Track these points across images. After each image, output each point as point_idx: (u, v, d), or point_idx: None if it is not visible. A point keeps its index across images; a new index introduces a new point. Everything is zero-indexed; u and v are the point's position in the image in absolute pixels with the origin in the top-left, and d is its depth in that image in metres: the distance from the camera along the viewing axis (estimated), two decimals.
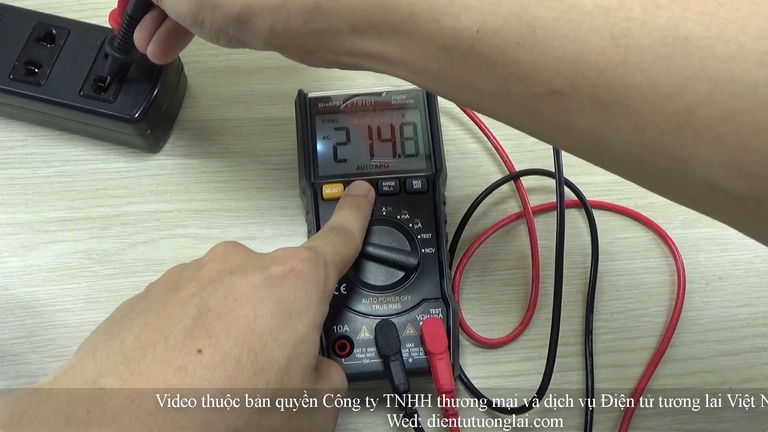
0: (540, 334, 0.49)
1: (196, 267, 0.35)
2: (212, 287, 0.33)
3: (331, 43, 0.34)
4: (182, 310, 0.32)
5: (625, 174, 0.32)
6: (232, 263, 0.35)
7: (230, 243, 0.37)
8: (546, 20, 0.28)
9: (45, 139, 0.54)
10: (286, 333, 0.33)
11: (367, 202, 0.46)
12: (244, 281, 0.33)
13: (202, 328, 0.31)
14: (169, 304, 0.32)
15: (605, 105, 0.28)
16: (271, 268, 0.35)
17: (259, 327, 0.32)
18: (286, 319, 0.33)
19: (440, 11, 0.30)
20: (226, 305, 0.32)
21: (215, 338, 0.31)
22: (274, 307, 0.33)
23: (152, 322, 0.31)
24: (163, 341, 0.30)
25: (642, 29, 0.27)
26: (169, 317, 0.32)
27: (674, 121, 0.27)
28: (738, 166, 0.26)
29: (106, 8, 0.47)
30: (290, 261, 0.35)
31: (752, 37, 0.25)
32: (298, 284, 0.35)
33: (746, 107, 0.25)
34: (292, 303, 0.34)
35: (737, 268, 0.51)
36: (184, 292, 0.33)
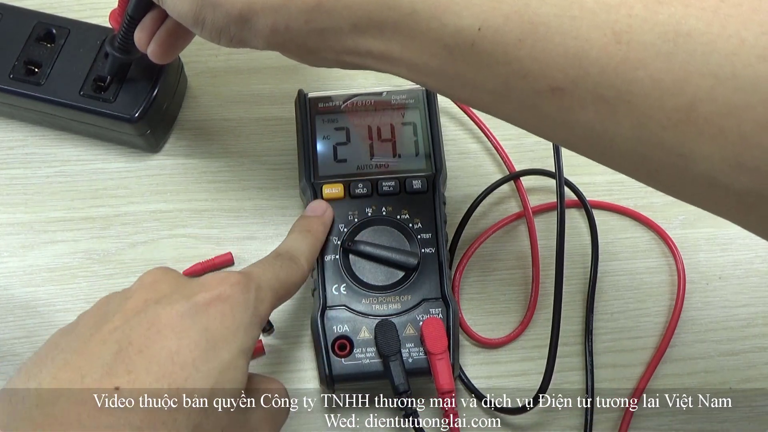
0: (540, 334, 0.49)
1: (124, 297, 0.34)
2: (136, 319, 0.32)
3: (332, 42, 0.34)
4: (102, 346, 0.31)
5: (627, 170, 0.32)
6: (158, 292, 0.34)
7: (160, 269, 0.36)
8: (547, 17, 0.28)
9: (45, 139, 0.54)
10: (210, 362, 0.32)
11: (321, 223, 0.46)
12: (169, 310, 0.32)
13: (121, 364, 0.30)
14: (91, 340, 0.32)
15: (607, 101, 0.28)
16: (198, 295, 0.34)
17: (182, 358, 0.31)
18: (211, 348, 0.32)
19: (441, 9, 0.30)
20: (148, 338, 0.31)
21: (134, 374, 0.30)
22: (198, 337, 0.32)
23: (71, 361, 0.31)
24: (80, 380, 0.30)
25: (643, 25, 0.27)
26: (88, 355, 0.31)
27: (676, 116, 0.27)
28: (739, 162, 0.26)
29: (106, 8, 0.47)
30: (219, 286, 0.34)
31: (754, 33, 0.25)
32: (225, 310, 0.34)
33: (748, 102, 0.25)
34: (217, 330, 0.33)
35: (737, 268, 0.51)
36: (108, 325, 0.32)
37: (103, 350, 0.31)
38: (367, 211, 0.47)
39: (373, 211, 0.47)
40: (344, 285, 0.46)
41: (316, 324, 0.44)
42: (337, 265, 0.46)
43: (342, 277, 0.46)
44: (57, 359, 0.31)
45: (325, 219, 0.46)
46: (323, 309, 0.45)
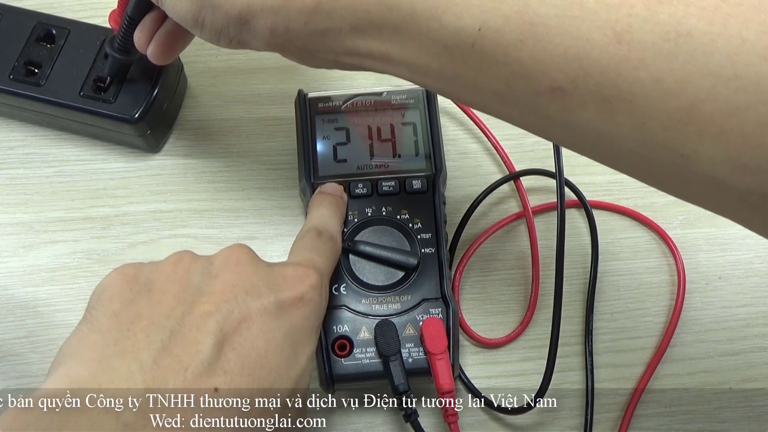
0: (540, 334, 0.49)
1: (207, 273, 0.35)
2: (227, 308, 0.33)
3: (332, 44, 0.34)
4: (198, 335, 0.32)
5: (628, 171, 0.32)
6: (245, 278, 0.35)
7: (242, 249, 0.37)
8: (547, 17, 0.28)
9: (45, 139, 0.54)
10: (292, 369, 0.34)
11: (343, 202, 0.47)
12: (258, 306, 0.34)
13: (218, 362, 0.31)
14: (184, 323, 0.32)
15: (608, 102, 0.28)
16: (284, 292, 0.35)
17: (269, 363, 0.33)
18: (292, 353, 0.34)
19: (441, 9, 0.30)
20: (240, 334, 0.32)
21: (230, 375, 0.31)
22: (283, 340, 0.34)
23: (170, 346, 0.31)
24: (183, 373, 0.30)
25: (644, 25, 0.27)
26: (186, 342, 0.31)
27: (677, 117, 0.27)
28: (742, 162, 0.26)
29: (106, 8, 0.47)
30: (301, 285, 0.36)
31: (755, 32, 0.25)
32: (306, 313, 0.35)
33: (750, 102, 0.25)
34: (298, 334, 0.35)
35: (737, 268, 0.51)
36: (197, 307, 0.33)
37: (200, 339, 0.31)
38: (367, 211, 0.47)
39: (373, 211, 0.47)
40: (344, 285, 0.46)
41: None
42: (337, 265, 0.46)
43: (342, 277, 0.46)
44: (152, 339, 0.31)
45: (345, 199, 0.47)
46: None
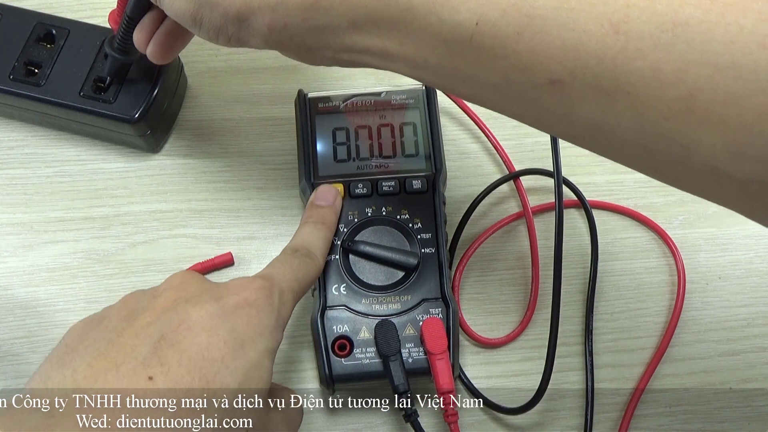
0: (540, 334, 0.49)
1: (152, 296, 0.36)
2: (167, 316, 0.33)
3: (330, 40, 0.34)
4: (136, 340, 0.32)
5: (629, 162, 0.32)
6: (188, 291, 0.35)
7: (187, 272, 0.38)
8: (544, 9, 0.28)
9: (45, 139, 0.54)
10: (238, 360, 0.33)
11: (333, 213, 0.46)
12: (199, 309, 0.34)
13: (154, 356, 0.31)
14: (124, 334, 0.33)
15: (606, 93, 0.28)
16: (226, 297, 0.35)
17: (212, 354, 0.32)
18: (239, 347, 0.33)
19: (439, 4, 0.30)
20: (179, 333, 0.33)
21: (167, 365, 0.31)
22: (227, 335, 0.33)
23: (105, 351, 0.32)
24: (115, 369, 0.31)
25: (641, 15, 0.27)
26: (122, 346, 0.32)
27: (676, 106, 0.27)
28: (741, 150, 0.26)
29: (106, 8, 0.47)
30: (244, 291, 0.36)
31: (753, 20, 0.25)
32: (251, 313, 0.35)
33: (748, 91, 0.25)
34: (244, 331, 0.34)
35: (737, 268, 0.51)
36: (139, 321, 0.33)
37: (136, 343, 0.32)
38: (367, 211, 0.47)
39: (373, 211, 0.47)
40: (344, 285, 0.46)
41: (316, 324, 0.44)
42: (337, 265, 0.46)
43: (342, 277, 0.46)
44: (90, 349, 0.32)
45: (336, 207, 0.47)
46: (323, 309, 0.45)
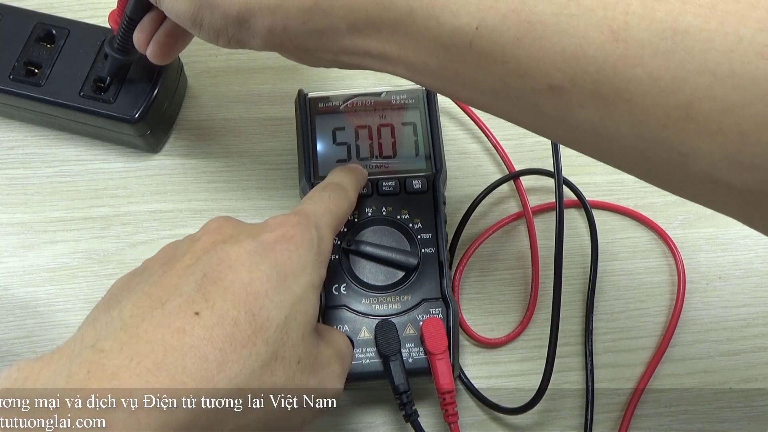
0: (540, 334, 0.49)
1: (191, 241, 0.36)
2: (207, 257, 0.33)
3: (329, 43, 0.34)
4: (179, 279, 0.32)
5: (627, 168, 0.32)
6: (224, 234, 0.35)
7: (222, 217, 0.38)
8: (544, 15, 0.28)
9: (45, 139, 0.54)
10: (282, 294, 0.33)
11: (361, 172, 0.47)
12: (237, 248, 0.34)
13: (198, 293, 0.31)
14: (166, 275, 0.33)
15: (606, 99, 0.28)
16: (263, 235, 0.35)
17: (255, 289, 0.32)
18: (281, 281, 0.33)
19: (439, 8, 0.30)
20: (221, 272, 0.32)
21: (212, 301, 0.31)
22: (269, 271, 0.33)
23: (149, 292, 0.32)
24: (161, 307, 0.31)
25: (641, 23, 0.27)
26: (166, 286, 0.32)
27: (675, 114, 0.27)
28: (739, 159, 0.26)
29: (106, 8, 0.47)
30: (281, 227, 0.36)
31: (752, 30, 0.25)
32: (291, 248, 0.35)
33: (747, 100, 0.25)
34: (286, 265, 0.34)
35: (737, 268, 0.51)
36: (180, 263, 0.33)
37: (180, 282, 0.32)
38: (367, 211, 0.47)
39: (373, 211, 0.47)
40: (344, 285, 0.46)
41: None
42: (337, 265, 0.46)
43: (342, 277, 0.46)
44: (134, 292, 0.32)
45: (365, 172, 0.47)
46: (323, 309, 0.45)
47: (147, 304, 0.31)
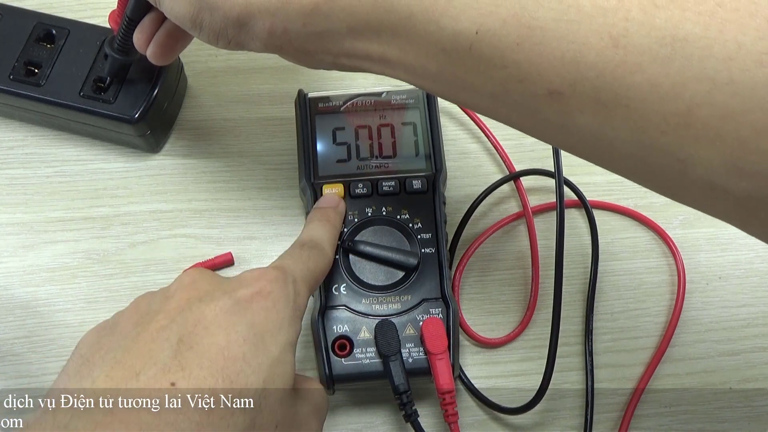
0: (540, 334, 0.49)
1: (164, 297, 0.35)
2: (181, 317, 0.32)
3: (329, 45, 0.34)
4: (153, 344, 0.31)
5: (626, 174, 0.32)
6: (200, 290, 0.34)
7: (197, 270, 0.37)
8: (544, 21, 0.28)
9: (45, 139, 0.54)
10: (260, 357, 0.32)
11: (336, 213, 0.46)
12: (213, 307, 0.33)
13: (174, 361, 0.30)
14: (139, 339, 0.32)
15: (605, 105, 0.28)
16: (239, 291, 0.34)
17: (232, 353, 0.31)
18: (259, 342, 0.33)
19: (439, 12, 0.30)
20: (196, 334, 0.32)
21: (188, 369, 0.30)
22: (246, 332, 0.32)
23: (122, 359, 0.31)
24: (135, 378, 0.30)
25: (640, 30, 0.27)
26: (139, 352, 0.31)
27: (674, 121, 0.27)
28: (738, 166, 0.26)
29: (106, 8, 0.47)
30: (257, 282, 0.35)
31: (751, 37, 0.25)
32: (267, 305, 0.34)
33: (746, 107, 0.25)
34: (263, 325, 0.33)
35: (737, 268, 0.51)
36: (153, 324, 0.32)
37: (153, 348, 0.31)
38: (367, 211, 0.47)
39: (373, 211, 0.47)
40: (344, 285, 0.46)
41: (316, 324, 0.44)
42: (337, 265, 0.46)
43: (342, 277, 0.46)
44: (107, 358, 0.31)
45: (340, 209, 0.47)
46: (323, 309, 0.45)
47: (120, 374, 0.30)
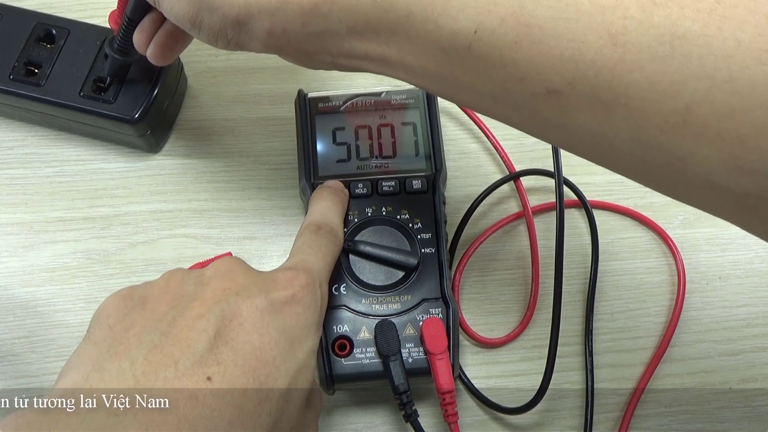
0: (540, 334, 0.49)
1: (199, 282, 0.35)
2: (218, 308, 0.33)
3: (329, 45, 0.34)
4: (190, 333, 0.32)
5: (625, 172, 0.32)
6: (236, 282, 0.35)
7: (233, 259, 0.37)
8: (543, 19, 0.28)
9: (45, 139, 0.54)
10: (288, 362, 0.33)
11: (345, 195, 0.47)
12: (249, 304, 0.34)
13: (211, 354, 0.31)
14: (176, 325, 0.32)
15: (604, 104, 0.28)
16: (275, 292, 0.35)
17: (264, 355, 0.32)
18: (288, 347, 0.34)
19: (437, 12, 0.30)
20: (232, 330, 0.32)
21: (223, 365, 0.31)
22: (278, 335, 0.33)
23: (161, 345, 0.31)
24: (174, 366, 0.30)
25: (639, 28, 0.27)
26: (177, 340, 0.32)
27: (673, 119, 0.27)
28: (738, 164, 0.26)
29: (106, 8, 0.47)
30: (291, 286, 0.36)
31: (750, 35, 0.25)
32: (299, 311, 0.35)
33: (745, 105, 0.25)
34: (293, 330, 0.34)
35: (737, 268, 0.51)
36: (189, 311, 0.33)
37: (191, 337, 0.32)
38: (367, 211, 0.47)
39: (373, 211, 0.47)
40: (344, 285, 0.46)
41: None
42: (337, 265, 0.46)
43: (342, 277, 0.46)
44: (144, 340, 0.32)
45: (347, 193, 0.47)
46: None
47: (159, 359, 0.31)
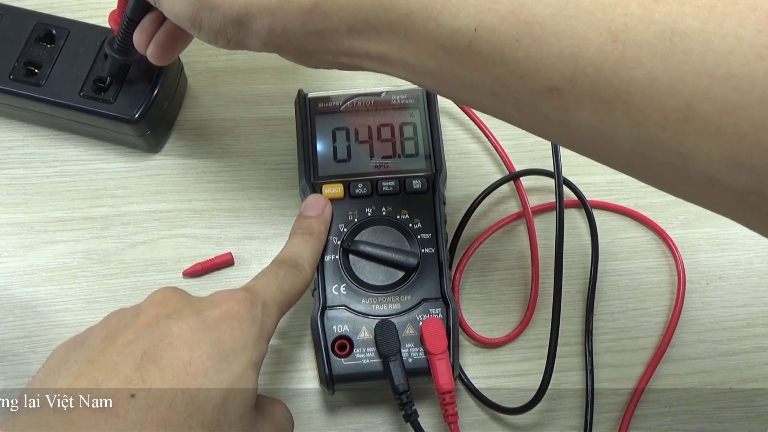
0: (540, 334, 0.49)
1: (134, 313, 0.35)
2: (149, 332, 0.33)
3: (329, 44, 0.34)
4: (117, 358, 0.32)
5: (626, 170, 0.32)
6: (169, 307, 0.35)
7: (168, 288, 0.37)
8: (543, 17, 0.28)
9: (45, 139, 0.54)
10: (222, 373, 0.33)
11: (322, 222, 0.46)
12: (180, 324, 0.34)
13: (136, 373, 0.31)
14: (106, 352, 0.33)
15: (604, 101, 0.28)
16: (208, 310, 0.35)
17: (194, 368, 0.32)
18: (222, 359, 0.33)
19: (437, 10, 0.30)
20: (161, 349, 0.32)
21: (149, 382, 0.31)
22: (210, 349, 0.33)
23: (86, 371, 0.32)
24: (96, 389, 0.30)
25: (639, 25, 0.27)
26: (103, 365, 0.32)
27: (674, 116, 0.27)
28: (738, 161, 0.26)
29: (106, 8, 0.47)
30: (226, 303, 0.36)
31: (751, 31, 0.25)
32: (233, 325, 0.35)
33: (745, 101, 0.25)
34: (227, 343, 0.34)
35: (737, 268, 0.51)
36: (120, 339, 0.33)
37: (118, 361, 0.32)
38: (367, 211, 0.47)
39: (373, 211, 0.47)
40: (344, 285, 0.46)
41: (316, 324, 0.44)
42: (337, 265, 0.46)
43: (342, 277, 0.46)
44: (71, 369, 0.32)
45: (326, 217, 0.46)
46: (323, 309, 0.45)
47: (83, 385, 0.31)
